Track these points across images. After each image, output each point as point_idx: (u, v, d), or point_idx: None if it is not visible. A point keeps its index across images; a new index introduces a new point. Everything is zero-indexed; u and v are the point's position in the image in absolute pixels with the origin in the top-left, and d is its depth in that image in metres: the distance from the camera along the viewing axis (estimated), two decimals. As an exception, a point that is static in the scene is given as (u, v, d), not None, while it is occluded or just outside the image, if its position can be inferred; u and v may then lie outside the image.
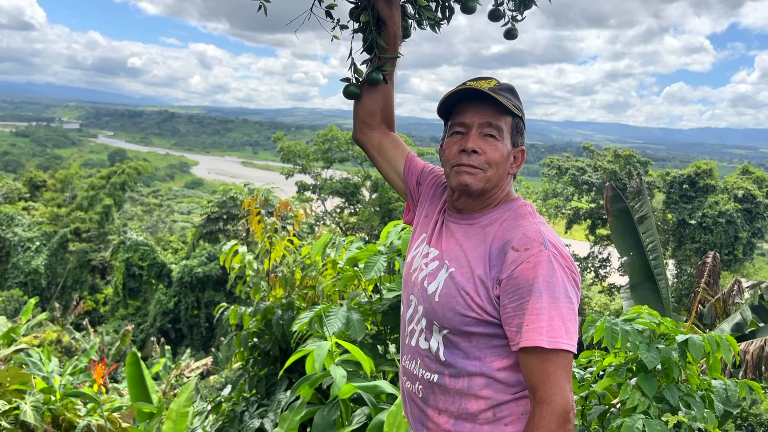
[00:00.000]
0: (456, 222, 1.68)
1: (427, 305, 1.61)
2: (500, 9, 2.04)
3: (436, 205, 1.81)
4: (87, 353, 9.77)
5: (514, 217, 1.59)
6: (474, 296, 1.51)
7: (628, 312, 2.99)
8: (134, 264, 24.38)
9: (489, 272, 1.51)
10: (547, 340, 1.40)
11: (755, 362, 4.87)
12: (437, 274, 1.62)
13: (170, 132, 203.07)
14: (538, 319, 1.41)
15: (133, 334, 17.72)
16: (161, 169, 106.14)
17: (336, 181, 29.76)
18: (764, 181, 24.69)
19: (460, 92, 1.59)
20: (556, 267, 1.45)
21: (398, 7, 1.82)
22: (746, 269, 25.34)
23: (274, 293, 4.23)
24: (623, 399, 2.68)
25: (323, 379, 2.79)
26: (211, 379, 14.22)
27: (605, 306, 24.38)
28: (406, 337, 1.73)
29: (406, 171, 1.93)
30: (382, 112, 1.91)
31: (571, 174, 27.33)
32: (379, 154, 1.95)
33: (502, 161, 1.59)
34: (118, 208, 30.15)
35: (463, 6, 1.90)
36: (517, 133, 1.63)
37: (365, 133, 1.94)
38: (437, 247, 1.68)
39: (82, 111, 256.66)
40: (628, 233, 7.12)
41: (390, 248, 3.59)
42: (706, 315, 6.57)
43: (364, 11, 1.77)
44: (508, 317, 1.46)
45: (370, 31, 1.77)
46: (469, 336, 1.54)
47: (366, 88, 1.87)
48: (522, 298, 1.43)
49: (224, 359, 13.00)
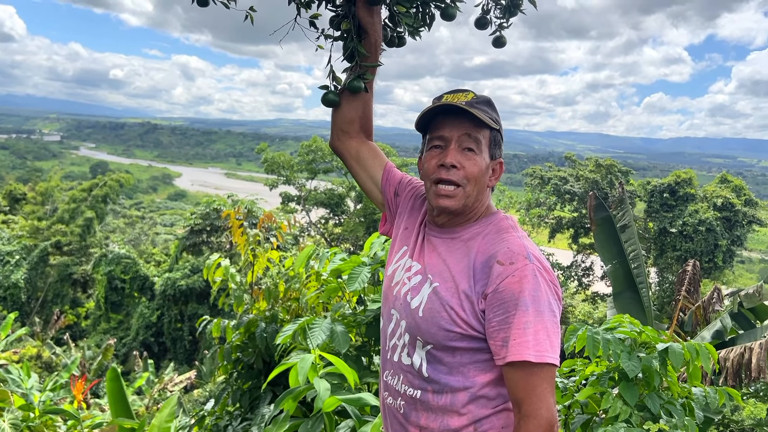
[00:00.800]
0: (438, 236, 1.67)
1: (411, 320, 1.60)
2: (487, 17, 2.04)
3: (416, 218, 1.79)
4: (68, 368, 9.62)
5: (496, 231, 1.59)
6: (459, 311, 1.51)
7: (610, 321, 3.02)
8: (116, 277, 24.11)
9: (474, 286, 1.50)
10: (534, 354, 1.40)
11: (735, 369, 4.92)
12: (420, 289, 1.60)
13: (153, 144, 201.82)
14: (525, 333, 1.41)
15: (115, 348, 17.51)
16: (144, 181, 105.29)
17: (320, 192, 29.72)
18: (742, 189, 25.05)
19: (438, 106, 1.60)
20: (540, 281, 1.46)
21: (379, 16, 1.82)
22: (726, 276, 25.63)
23: (257, 306, 4.21)
24: (606, 408, 2.70)
25: (307, 392, 2.78)
26: (194, 393, 14.08)
27: (589, 314, 24.51)
28: (387, 352, 1.71)
29: (384, 181, 1.92)
30: (361, 120, 1.90)
31: (554, 184, 27.55)
32: (357, 162, 1.93)
33: (480, 175, 1.59)
34: (99, 220, 29.82)
35: (443, 12, 1.90)
36: (495, 145, 1.64)
37: (343, 141, 1.93)
38: (420, 261, 1.67)
39: (63, 123, 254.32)
40: (611, 242, 7.18)
41: (373, 259, 3.59)
42: (687, 323, 6.63)
43: (345, 19, 1.77)
44: (493, 331, 1.46)
45: (351, 39, 1.77)
46: (453, 351, 1.53)
47: (345, 96, 1.86)
48: (508, 312, 1.44)
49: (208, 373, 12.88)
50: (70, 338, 16.36)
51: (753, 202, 24.83)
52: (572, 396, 3.02)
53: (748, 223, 23.98)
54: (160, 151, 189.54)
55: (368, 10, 1.77)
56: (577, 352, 2.81)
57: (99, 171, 67.32)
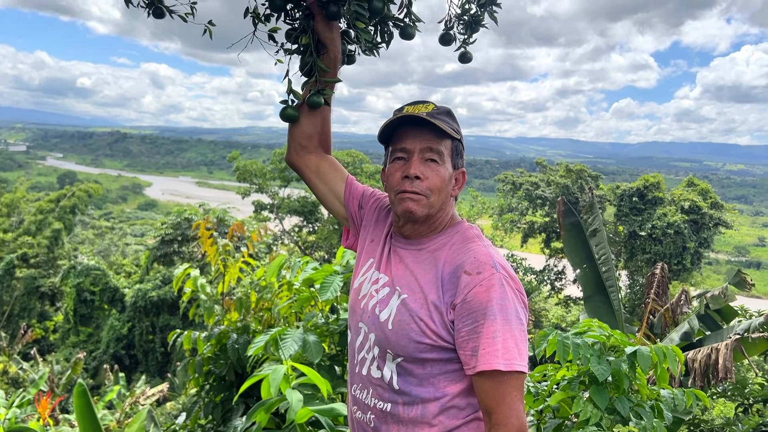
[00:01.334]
0: (404, 247, 1.67)
1: (380, 333, 1.59)
2: (450, 33, 2.04)
3: (382, 230, 1.79)
4: (35, 384, 9.40)
5: (462, 241, 1.60)
6: (428, 322, 1.51)
7: (579, 325, 3.05)
8: (85, 289, 23.65)
9: (442, 297, 1.51)
10: (503, 362, 1.41)
11: (703, 370, 5.01)
12: (389, 301, 1.60)
13: (122, 153, 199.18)
14: (494, 342, 1.42)
15: (85, 362, 17.17)
16: (113, 191, 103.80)
17: (294, 200, 29.56)
18: (708, 192, 25.58)
19: (399, 118, 1.60)
20: (507, 289, 1.48)
21: (338, 31, 1.81)
22: (694, 278, 26.12)
23: (229, 317, 4.17)
24: (577, 411, 2.73)
25: (279, 403, 2.76)
26: (167, 406, 13.86)
27: (562, 318, 24.75)
28: (356, 366, 1.70)
29: (347, 194, 1.90)
30: (320, 135, 1.89)
31: (525, 189, 27.85)
32: (317, 177, 1.91)
33: (444, 185, 1.60)
34: (68, 232, 29.28)
35: (401, 32, 1.89)
36: (457, 155, 1.65)
37: (301, 156, 1.90)
38: (387, 273, 1.66)
39: (29, 133, 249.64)
40: (580, 246, 7.26)
41: (346, 268, 3.59)
42: (656, 325, 6.73)
43: (304, 34, 1.76)
44: (463, 341, 1.47)
45: (310, 53, 1.75)
46: (423, 363, 1.53)
47: (304, 111, 1.84)
48: (476, 322, 1.44)
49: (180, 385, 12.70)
50: (37, 353, 16.01)
51: (719, 204, 25.38)
52: (544, 401, 3.05)
53: (715, 225, 24.49)
54: (129, 161, 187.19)
55: (327, 25, 1.75)
56: (548, 357, 2.84)
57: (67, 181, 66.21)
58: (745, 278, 6.79)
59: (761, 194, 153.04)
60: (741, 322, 6.26)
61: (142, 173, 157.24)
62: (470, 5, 1.99)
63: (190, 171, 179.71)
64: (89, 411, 3.83)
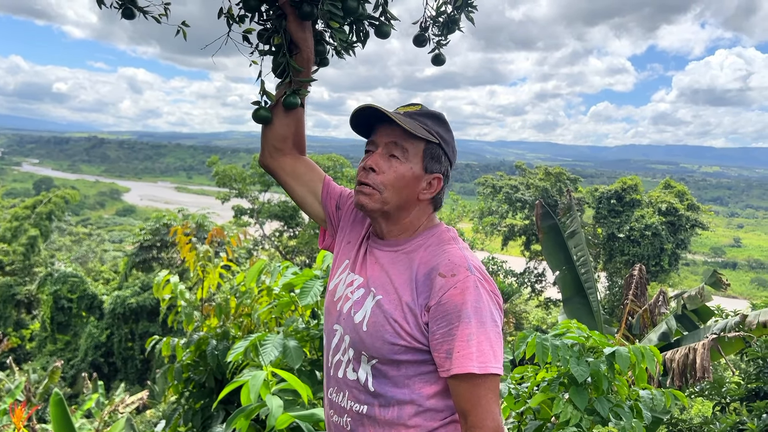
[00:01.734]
0: (380, 248, 1.66)
1: (354, 335, 1.58)
2: (425, 34, 2.03)
3: (358, 231, 1.78)
4: (11, 393, 9.23)
5: (438, 243, 1.59)
6: (403, 323, 1.50)
7: (559, 327, 3.07)
8: (63, 297, 23.31)
9: (417, 299, 1.50)
10: (478, 365, 1.41)
11: (681, 370, 5.06)
12: (363, 303, 1.59)
13: (100, 158, 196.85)
14: (468, 344, 1.42)
15: (62, 370, 16.90)
16: (91, 196, 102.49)
17: (274, 205, 29.42)
18: (685, 194, 25.95)
19: (374, 113, 1.59)
20: (482, 292, 1.47)
21: (311, 31, 1.78)
22: (672, 279, 26.45)
23: (208, 323, 4.14)
24: (557, 413, 2.74)
25: (260, 409, 2.74)
26: (147, 414, 13.69)
27: (542, 320, 24.91)
28: (330, 368, 1.69)
29: (324, 195, 1.88)
30: (294, 136, 1.85)
31: (505, 192, 28.04)
32: (294, 179, 1.88)
33: (400, 183, 1.58)
34: (44, 238, 28.84)
35: (377, 30, 1.88)
36: (432, 159, 1.61)
37: (276, 159, 1.87)
38: (362, 275, 1.65)
39: (4, 138, 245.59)
40: (558, 249, 7.32)
41: (326, 272, 3.58)
42: (635, 326, 6.81)
43: (276, 34, 1.73)
44: (437, 343, 1.46)
45: (282, 54, 1.73)
46: (398, 364, 1.53)
47: (278, 112, 1.80)
48: (451, 324, 1.44)
49: (160, 392, 12.57)
50: (13, 362, 15.70)
51: (695, 206, 25.75)
52: (525, 402, 3.06)
53: (691, 226, 24.84)
54: (107, 166, 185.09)
55: (300, 25, 1.73)
56: (528, 358, 2.86)
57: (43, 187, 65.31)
58: (721, 278, 6.89)
59: (736, 196, 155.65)
60: (717, 321, 6.34)
61: (120, 179, 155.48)
62: (446, 6, 1.99)
63: (169, 176, 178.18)
64: (65, 420, 3.77)
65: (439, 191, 1.65)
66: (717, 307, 7.65)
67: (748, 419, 5.21)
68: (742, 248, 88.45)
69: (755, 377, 6.13)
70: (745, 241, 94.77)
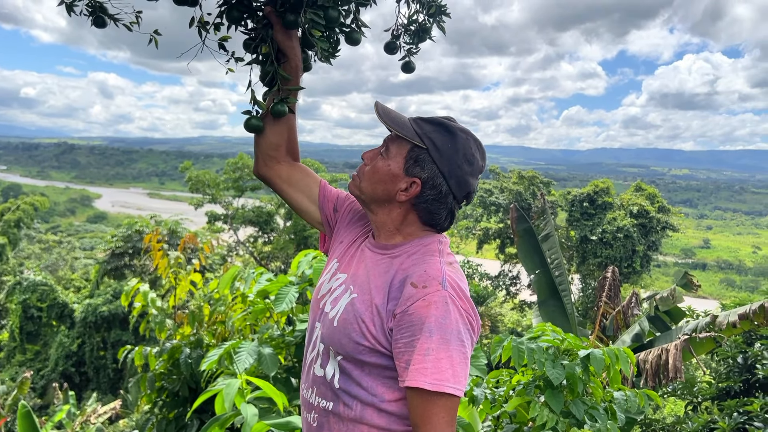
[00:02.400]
0: (371, 249, 1.66)
1: (326, 330, 1.59)
2: (396, 42, 2.03)
3: (352, 231, 1.78)
4: (-22, 406, 9.01)
5: (422, 253, 1.57)
6: (369, 325, 1.49)
7: (534, 330, 3.09)
8: (32, 306, 22.82)
9: (386, 304, 1.49)
10: (431, 382, 1.37)
11: (654, 370, 5.13)
12: (340, 299, 1.59)
13: (70, 164, 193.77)
14: (425, 359, 1.38)
15: (32, 381, 16.56)
16: (61, 203, 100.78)
17: (248, 210, 29.20)
18: (655, 197, 26.40)
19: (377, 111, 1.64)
20: (451, 308, 1.43)
21: (297, 39, 1.78)
22: (644, 280, 26.86)
23: (181, 331, 4.08)
24: (533, 416, 2.75)
25: (234, 418, 2.70)
26: (120, 424, 13.46)
27: (517, 322, 25.11)
28: (305, 365, 1.69)
29: (321, 198, 1.88)
30: (287, 144, 1.86)
31: (480, 196, 28.23)
32: (290, 185, 1.88)
33: (375, 177, 1.60)
34: (13, 247, 28.27)
35: (347, 37, 1.88)
36: (414, 163, 1.58)
37: (271, 167, 1.87)
38: (346, 272, 1.66)
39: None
40: (533, 252, 7.38)
41: (301, 278, 3.55)
42: (609, 327, 6.88)
43: (263, 43, 1.73)
44: (399, 352, 1.44)
45: (270, 63, 1.73)
46: (362, 365, 1.51)
47: (269, 121, 1.81)
48: (413, 336, 1.41)
49: (133, 401, 12.37)
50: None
51: (665, 208, 26.21)
52: (501, 406, 3.07)
53: (662, 228, 25.27)
54: (77, 172, 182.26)
55: (286, 34, 1.74)
56: (503, 362, 2.86)
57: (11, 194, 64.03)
58: (691, 279, 7.01)
59: (705, 198, 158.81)
60: (689, 322, 6.45)
61: (91, 185, 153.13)
62: (418, 15, 2.00)
63: (141, 182, 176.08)
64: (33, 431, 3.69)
65: (418, 197, 1.59)
66: (688, 307, 7.79)
67: (719, 418, 5.29)
68: (712, 249, 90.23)
69: (726, 376, 6.24)
70: (714, 242, 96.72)
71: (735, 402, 5.43)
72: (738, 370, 6.17)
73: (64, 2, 1.71)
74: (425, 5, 1.99)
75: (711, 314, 6.13)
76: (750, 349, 6.11)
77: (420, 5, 1.99)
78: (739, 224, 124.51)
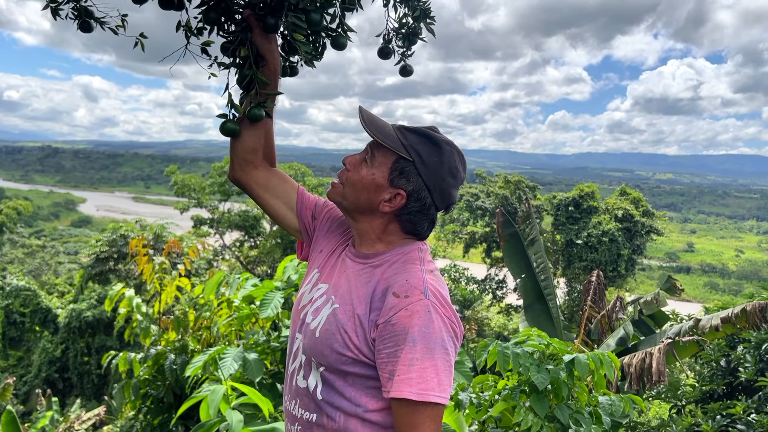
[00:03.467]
0: (352, 259, 1.65)
1: (307, 341, 1.57)
2: (389, 46, 2.02)
3: (334, 240, 1.77)
4: (-41, 413, 8.88)
5: (403, 261, 1.57)
6: (352, 335, 1.48)
7: (519, 335, 3.10)
8: (15, 311, 22.55)
9: (369, 314, 1.48)
10: (417, 392, 1.37)
11: (638, 374, 5.17)
12: (322, 310, 1.58)
13: (54, 168, 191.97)
14: (410, 369, 1.38)
15: (15, 387, 16.35)
16: (45, 207, 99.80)
17: (235, 214, 29.06)
18: (640, 201, 26.61)
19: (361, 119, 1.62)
20: (434, 317, 1.43)
21: (276, 43, 1.77)
22: (629, 284, 27.05)
23: (166, 336, 4.05)
24: (518, 421, 2.76)
25: (220, 424, 2.69)
26: (104, 430, 13.31)
27: (503, 326, 25.17)
28: (288, 376, 1.68)
29: (299, 205, 1.85)
30: (264, 149, 1.83)
31: (466, 200, 28.32)
32: (267, 191, 1.85)
33: (359, 184, 1.58)
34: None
35: (333, 42, 1.86)
36: (399, 174, 1.57)
37: (247, 172, 1.84)
38: (327, 282, 1.65)
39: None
40: (519, 256, 7.41)
41: (287, 284, 3.54)
42: (594, 331, 6.92)
43: (242, 46, 1.71)
44: (382, 363, 1.43)
45: (249, 66, 1.70)
46: (345, 375, 1.50)
47: (245, 125, 1.77)
48: (397, 346, 1.41)
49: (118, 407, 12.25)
50: (-38, 380, 15.15)
51: (650, 212, 26.43)
52: (486, 411, 3.08)
53: (647, 232, 25.48)
54: (62, 176, 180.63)
55: (266, 38, 1.72)
56: (489, 367, 2.87)
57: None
58: (675, 283, 7.07)
59: (689, 202, 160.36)
60: (673, 326, 6.50)
61: (75, 189, 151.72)
62: (407, 18, 2.00)
63: (127, 186, 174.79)
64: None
65: (402, 209, 1.58)
66: (672, 311, 7.85)
67: (703, 421, 5.34)
68: (695, 253, 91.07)
69: (709, 379, 6.30)
70: (698, 245, 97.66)
71: (718, 405, 5.48)
72: (721, 374, 6.23)
73: (49, 6, 1.69)
74: (412, 8, 1.99)
75: (694, 318, 6.19)
76: (733, 352, 6.17)
77: (408, 8, 1.99)
78: (722, 228, 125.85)
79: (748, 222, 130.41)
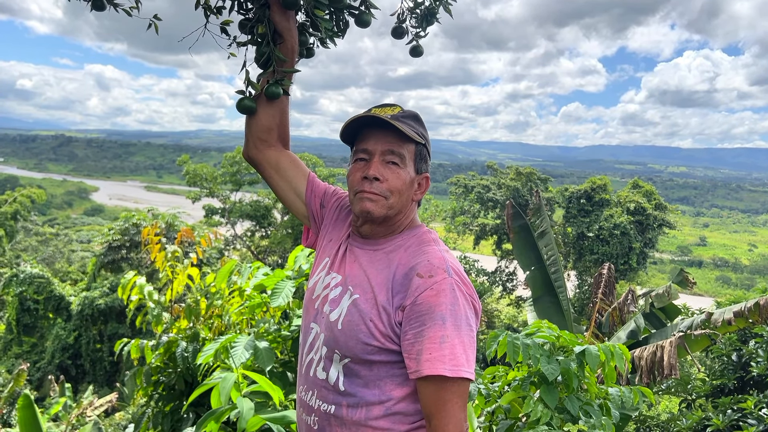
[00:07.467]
0: (360, 247, 1.65)
1: (329, 333, 1.58)
2: (403, 26, 2.02)
3: (341, 229, 1.77)
4: (-25, 398, 9.01)
5: (418, 244, 1.59)
6: (378, 323, 1.49)
7: (530, 326, 3.10)
8: (29, 298, 22.79)
9: (392, 299, 1.50)
10: (450, 368, 1.40)
11: (649, 367, 5.15)
12: (340, 301, 1.58)
13: (67, 157, 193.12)
14: (441, 347, 1.41)
15: (28, 373, 16.56)
16: (58, 196, 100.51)
17: (246, 204, 29.15)
18: (652, 194, 26.43)
19: (363, 118, 1.59)
20: (458, 295, 1.46)
21: (294, 20, 1.76)
22: (640, 278, 26.90)
23: (178, 324, 4.08)
24: (527, 412, 2.76)
25: (230, 412, 2.71)
26: (116, 416, 13.46)
27: (513, 318, 25.13)
28: (303, 366, 1.68)
29: (308, 192, 1.86)
30: (279, 128, 1.83)
31: (477, 192, 28.24)
32: (277, 173, 1.85)
33: (404, 188, 1.59)
34: (9, 239, 28.23)
35: (357, 19, 1.86)
36: (421, 160, 1.63)
37: (261, 151, 1.84)
38: (341, 273, 1.65)
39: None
40: (528, 249, 7.40)
41: (298, 273, 3.55)
42: (605, 324, 6.90)
43: (260, 23, 1.71)
44: (408, 344, 1.45)
45: (266, 44, 1.70)
46: (370, 365, 1.51)
47: (262, 103, 1.78)
48: (424, 325, 1.43)
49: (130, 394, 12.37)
50: (-23, 365, 15.35)
51: (662, 206, 26.24)
52: (496, 401, 3.08)
53: (659, 226, 25.31)
54: (75, 165, 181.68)
55: (284, 15, 1.71)
56: (499, 358, 2.87)
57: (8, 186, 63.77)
58: (687, 277, 7.03)
59: (702, 195, 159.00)
60: (684, 319, 6.47)
61: (88, 178, 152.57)
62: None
63: (139, 175, 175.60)
64: (34, 422, 3.69)
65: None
66: (683, 305, 7.81)
67: (713, 415, 5.31)
68: (708, 247, 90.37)
69: (720, 374, 6.27)
70: (711, 239, 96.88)
71: (729, 399, 5.45)
72: (732, 368, 6.20)
73: (63, -14, 1.70)
74: None
75: (706, 312, 6.15)
76: (744, 346, 6.13)
77: None
78: (735, 222, 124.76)
79: (762, 216, 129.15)
